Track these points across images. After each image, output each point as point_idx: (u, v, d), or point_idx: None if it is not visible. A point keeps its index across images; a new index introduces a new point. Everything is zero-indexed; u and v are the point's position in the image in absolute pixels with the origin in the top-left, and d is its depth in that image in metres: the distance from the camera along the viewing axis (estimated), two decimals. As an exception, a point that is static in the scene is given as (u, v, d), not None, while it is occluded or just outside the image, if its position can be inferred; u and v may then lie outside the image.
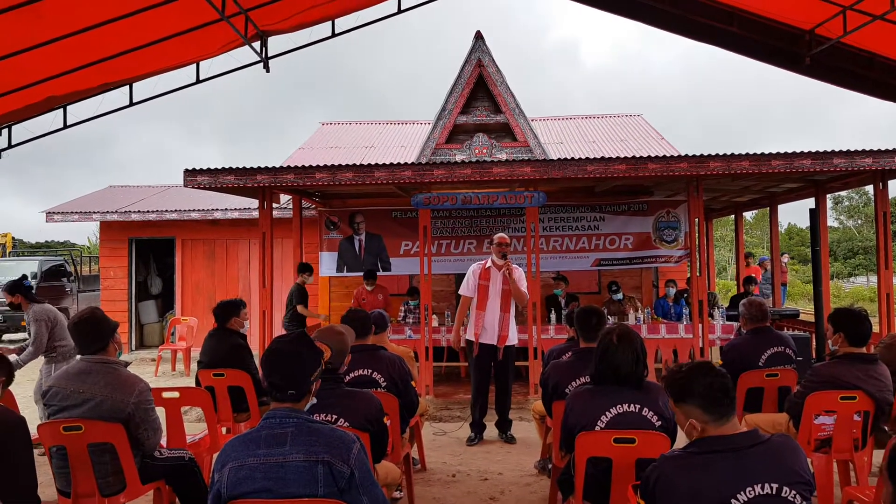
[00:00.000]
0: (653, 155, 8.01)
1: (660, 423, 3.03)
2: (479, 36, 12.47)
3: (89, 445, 3.35)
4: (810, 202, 8.96)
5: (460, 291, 6.41)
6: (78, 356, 3.51)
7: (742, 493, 2.03)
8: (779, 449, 2.12)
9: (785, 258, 12.76)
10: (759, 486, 2.04)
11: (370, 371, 4.04)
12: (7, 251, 20.91)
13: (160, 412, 3.73)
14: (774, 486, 2.05)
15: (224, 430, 5.03)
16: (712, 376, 2.19)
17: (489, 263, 6.23)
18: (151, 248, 13.74)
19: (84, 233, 51.49)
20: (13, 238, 23.01)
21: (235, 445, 2.23)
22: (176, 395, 4.47)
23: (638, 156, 7.44)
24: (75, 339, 3.49)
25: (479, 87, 12.70)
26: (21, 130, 7.11)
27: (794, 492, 2.06)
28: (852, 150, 7.09)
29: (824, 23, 6.53)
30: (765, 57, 7.46)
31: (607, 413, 3.04)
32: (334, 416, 3.09)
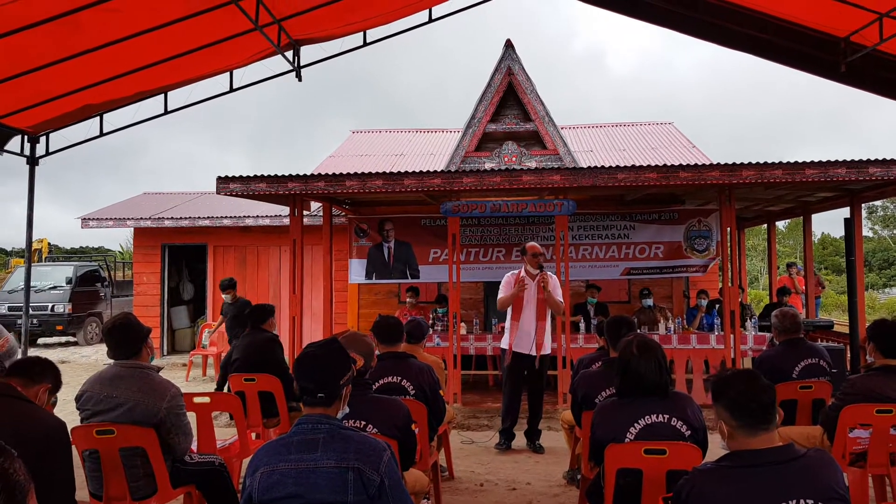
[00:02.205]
0: (684, 163, 7.93)
1: (689, 432, 2.99)
2: (509, 44, 12.48)
3: (121, 449, 3.39)
4: (845, 212, 8.80)
5: (499, 298, 6.23)
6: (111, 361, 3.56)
7: (777, 508, 2.00)
8: (815, 464, 2.08)
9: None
10: (795, 501, 2.00)
11: (399, 378, 4.04)
12: (43, 256, 21.35)
13: (191, 417, 3.77)
14: (810, 501, 2.01)
15: (254, 435, 5.07)
16: (749, 383, 2.17)
17: (523, 273, 6.20)
18: (184, 255, 13.95)
19: (117, 238, 52.48)
20: (49, 244, 23.48)
21: (268, 450, 2.24)
22: (206, 399, 4.52)
23: (669, 164, 7.36)
24: (109, 343, 3.52)
25: (509, 95, 12.70)
26: (58, 138, 7.28)
27: (830, 507, 2.02)
28: (888, 158, 6.94)
29: (860, 30, 6.42)
30: (799, 64, 7.35)
31: (636, 424, 3.01)
32: (363, 423, 3.10)
